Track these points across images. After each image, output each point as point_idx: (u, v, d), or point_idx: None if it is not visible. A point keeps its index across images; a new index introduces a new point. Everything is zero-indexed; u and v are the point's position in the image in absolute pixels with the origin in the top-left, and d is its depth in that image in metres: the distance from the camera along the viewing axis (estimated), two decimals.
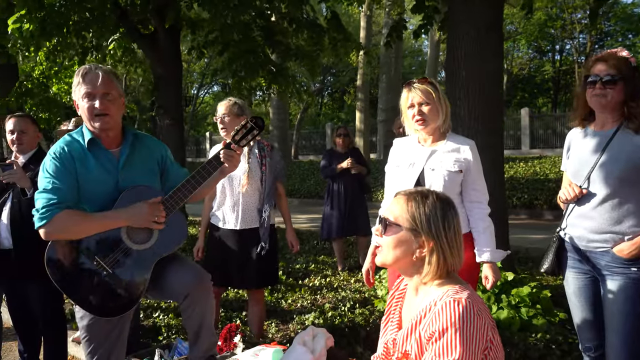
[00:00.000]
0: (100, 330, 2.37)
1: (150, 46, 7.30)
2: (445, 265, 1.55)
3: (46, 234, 2.18)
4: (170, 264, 2.41)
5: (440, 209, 1.56)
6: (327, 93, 40.28)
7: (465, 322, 1.41)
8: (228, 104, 3.49)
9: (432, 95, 2.56)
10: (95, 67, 2.31)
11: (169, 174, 2.54)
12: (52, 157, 2.26)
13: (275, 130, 21.88)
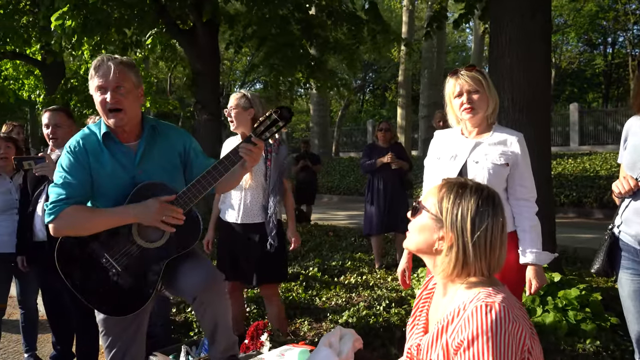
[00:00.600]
0: (116, 324, 2.31)
1: (188, 42, 7.32)
2: (466, 268, 1.38)
3: (54, 230, 2.13)
4: (183, 263, 2.31)
5: (474, 203, 1.38)
6: (369, 90, 40.01)
7: (498, 329, 1.25)
8: (237, 97, 3.40)
9: (482, 82, 2.40)
10: (108, 58, 2.20)
11: (193, 166, 2.39)
12: (67, 151, 2.20)
13: (316, 126, 21.84)
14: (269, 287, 3.50)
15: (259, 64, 8.04)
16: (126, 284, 2.23)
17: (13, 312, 4.07)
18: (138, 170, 2.25)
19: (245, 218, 3.34)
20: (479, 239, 1.36)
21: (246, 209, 3.34)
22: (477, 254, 1.37)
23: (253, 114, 3.32)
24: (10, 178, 3.81)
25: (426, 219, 1.44)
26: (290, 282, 5.24)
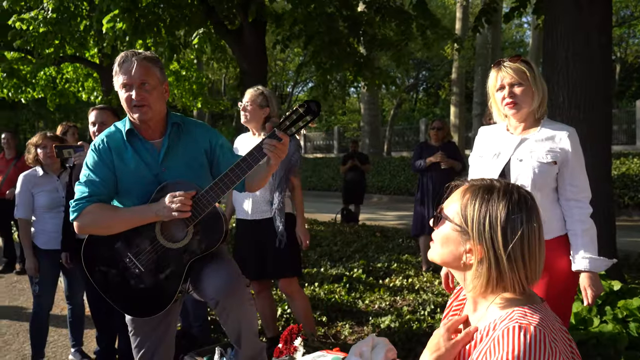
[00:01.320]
0: (145, 324, 2.29)
1: (236, 42, 7.35)
2: (501, 283, 1.22)
3: (78, 228, 2.12)
4: (207, 265, 2.26)
5: (504, 209, 1.21)
6: (422, 88, 39.39)
7: (532, 355, 1.09)
8: (254, 93, 3.38)
9: (526, 74, 2.21)
10: (132, 54, 2.17)
11: (220, 163, 2.33)
12: (92, 149, 2.20)
13: (366, 125, 21.65)
14: (286, 283, 3.47)
15: (306, 63, 7.98)
16: (149, 285, 2.20)
17: (64, 307, 4.16)
18: (162, 167, 2.22)
19: (255, 214, 3.37)
20: (514, 250, 1.19)
21: (255, 205, 3.36)
22: (513, 267, 1.20)
23: (268, 112, 3.35)
24: (58, 176, 3.90)
25: (449, 230, 1.29)
26: (333, 283, 5.15)
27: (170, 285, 2.21)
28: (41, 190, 3.83)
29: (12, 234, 7.36)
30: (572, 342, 1.22)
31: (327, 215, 10.52)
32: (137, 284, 2.20)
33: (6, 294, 6.20)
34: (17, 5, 6.69)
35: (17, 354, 4.28)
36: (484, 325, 1.23)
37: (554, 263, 2.26)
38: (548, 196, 2.28)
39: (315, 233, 8.20)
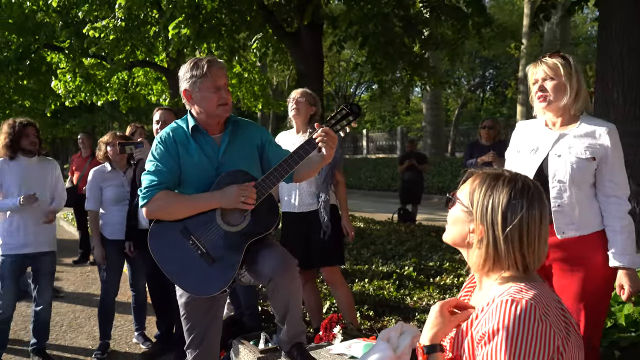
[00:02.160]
0: (197, 308, 2.47)
1: (293, 44, 7.55)
2: (498, 263, 1.32)
3: (147, 213, 2.33)
4: (261, 248, 2.43)
5: (506, 195, 1.31)
6: (489, 87, 38.34)
7: (520, 326, 1.18)
8: (304, 90, 3.58)
9: (560, 70, 2.23)
10: (214, 60, 2.41)
11: (269, 157, 2.54)
12: (158, 141, 2.41)
13: (428, 125, 21.42)
14: (330, 272, 3.62)
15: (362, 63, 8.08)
16: (210, 265, 2.37)
17: (129, 295, 4.49)
18: (221, 160, 2.42)
19: (301, 207, 3.53)
20: (511, 232, 1.29)
21: (301, 198, 3.53)
22: (510, 248, 1.30)
23: (314, 111, 3.51)
24: (124, 172, 4.22)
25: (459, 211, 1.40)
26: (383, 280, 5.23)
27: (229, 265, 2.38)
28: (109, 185, 4.16)
29: (87, 227, 7.89)
30: (568, 320, 1.28)
31: (385, 215, 10.56)
32: (200, 265, 2.38)
33: (80, 282, 6.71)
34: (90, 15, 7.20)
35: (88, 335, 4.66)
36: (485, 302, 1.32)
37: (591, 258, 2.27)
38: (586, 192, 2.28)
39: (370, 232, 8.29)
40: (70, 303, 5.72)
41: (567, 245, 2.27)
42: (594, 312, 2.28)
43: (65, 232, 10.67)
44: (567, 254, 2.28)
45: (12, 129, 3.92)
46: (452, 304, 1.45)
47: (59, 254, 4.32)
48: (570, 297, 2.28)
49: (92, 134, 20.62)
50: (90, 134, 7.76)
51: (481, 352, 1.23)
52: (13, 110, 14.26)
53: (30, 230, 3.89)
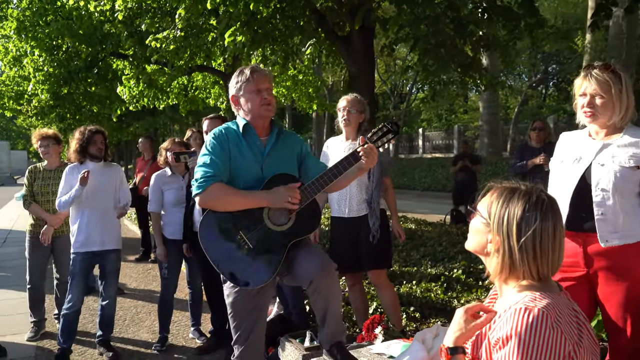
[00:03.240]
0: (243, 307, 2.63)
1: (345, 47, 7.66)
2: (514, 272, 1.41)
3: (201, 201, 2.51)
4: (301, 250, 2.58)
5: (521, 207, 1.41)
6: (552, 83, 37.00)
7: (532, 333, 1.27)
8: (354, 99, 3.67)
9: (611, 88, 2.25)
10: (256, 66, 2.63)
11: (306, 166, 2.73)
12: (212, 136, 2.61)
13: (485, 124, 21.03)
14: (376, 274, 3.71)
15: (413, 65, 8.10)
16: (255, 260, 2.53)
17: (187, 292, 4.75)
18: (265, 161, 2.60)
19: (351, 212, 3.65)
20: (526, 243, 1.38)
21: (351, 204, 3.64)
22: (524, 258, 1.39)
23: (363, 118, 3.61)
24: (182, 177, 4.49)
25: (478, 222, 1.50)
26: (431, 282, 5.27)
27: (272, 261, 2.55)
28: (169, 188, 4.44)
29: (149, 226, 8.32)
30: (582, 326, 1.36)
31: (438, 216, 10.52)
32: (244, 259, 2.54)
33: (142, 279, 7.10)
34: (152, 27, 7.59)
35: (149, 329, 4.97)
36: (504, 307, 1.40)
37: (637, 267, 2.28)
38: (631, 201, 2.28)
39: (421, 233, 8.29)
40: (133, 299, 6.09)
41: (612, 254, 2.28)
42: (639, 320, 2.28)
43: (129, 231, 11.26)
44: (611, 263, 2.29)
45: (82, 136, 4.26)
46: (475, 308, 1.54)
47: (123, 251, 4.62)
48: (614, 305, 2.30)
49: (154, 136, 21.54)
50: (153, 137, 8.16)
51: (496, 356, 1.32)
52: (82, 115, 15.12)
53: (98, 230, 4.21)
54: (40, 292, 4.87)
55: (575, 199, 2.34)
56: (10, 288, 6.59)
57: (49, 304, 5.25)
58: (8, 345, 4.49)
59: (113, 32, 9.83)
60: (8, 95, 15.57)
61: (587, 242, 2.32)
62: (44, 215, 4.64)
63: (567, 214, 2.35)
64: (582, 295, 2.37)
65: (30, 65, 10.71)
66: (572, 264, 2.38)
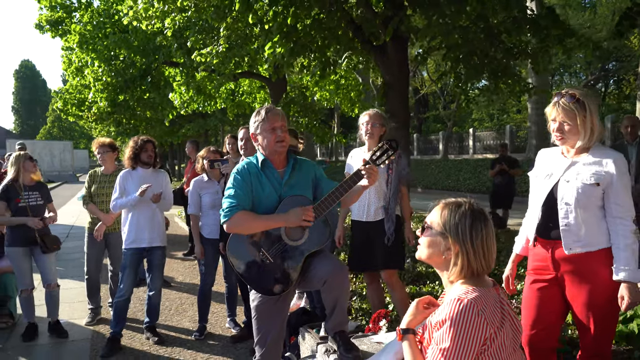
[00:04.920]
0: (266, 311, 3.01)
1: (380, 56, 7.98)
2: (470, 268, 1.75)
3: (227, 228, 2.91)
4: (316, 257, 2.96)
5: (469, 218, 1.75)
6: (613, 81, 35.68)
7: (461, 319, 1.62)
8: (377, 114, 4.00)
9: (576, 116, 2.52)
10: (272, 107, 3.01)
11: (321, 187, 3.07)
12: (236, 172, 2.99)
13: (533, 126, 20.70)
14: (388, 274, 4.03)
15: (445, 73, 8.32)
16: (275, 272, 2.93)
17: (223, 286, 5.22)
18: (283, 189, 2.98)
19: (369, 217, 3.99)
20: (478, 245, 1.74)
21: (369, 210, 3.98)
22: (478, 257, 1.74)
23: (384, 131, 3.92)
24: (217, 182, 4.96)
25: (433, 235, 1.83)
26: None
27: (290, 272, 2.95)
28: (206, 192, 4.93)
29: None
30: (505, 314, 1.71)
31: None
32: (267, 271, 2.94)
33: (188, 273, 7.69)
34: (197, 44, 8.18)
35: (190, 318, 5.49)
36: (447, 299, 1.75)
37: (598, 272, 2.56)
38: (594, 213, 2.56)
39: None
40: (179, 291, 6.66)
41: (576, 260, 2.57)
42: (601, 320, 2.56)
43: (179, 228, 11.97)
44: (575, 267, 2.57)
45: (135, 145, 4.83)
46: (425, 300, 1.90)
47: (173, 247, 5.15)
48: (579, 306, 2.58)
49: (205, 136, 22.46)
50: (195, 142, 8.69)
51: (435, 335, 1.68)
52: (137, 120, 16.09)
53: (145, 229, 4.75)
54: (96, 282, 5.49)
55: (545, 211, 2.65)
56: (71, 279, 7.32)
57: (105, 293, 5.88)
58: (69, 328, 5.11)
59: (164, 44, 10.54)
60: (71, 102, 16.79)
61: (555, 248, 2.61)
62: (99, 214, 5.25)
63: (538, 223, 2.66)
64: (554, 295, 2.66)
65: (91, 75, 11.61)
66: (542, 268, 2.68)
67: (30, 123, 75.83)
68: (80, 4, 12.92)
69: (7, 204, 4.81)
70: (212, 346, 4.74)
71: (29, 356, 4.59)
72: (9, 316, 5.37)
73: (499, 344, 1.66)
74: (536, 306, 2.72)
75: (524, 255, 2.93)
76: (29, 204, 4.88)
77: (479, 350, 1.63)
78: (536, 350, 2.74)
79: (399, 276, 4.21)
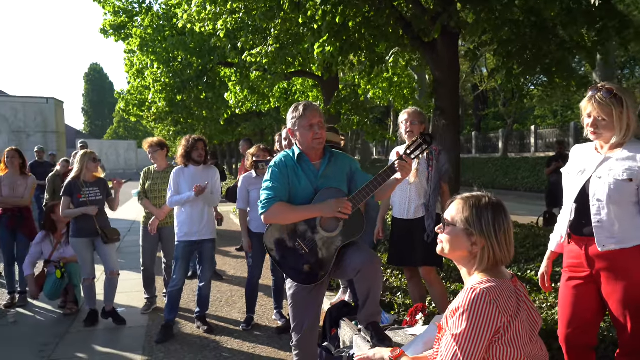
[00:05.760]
0: (301, 299, 3.13)
1: (429, 53, 7.93)
2: (495, 260, 1.79)
3: (265, 219, 3.04)
4: (350, 248, 3.05)
5: (491, 212, 1.79)
6: None
7: (474, 306, 1.67)
8: (416, 111, 4.01)
9: (612, 111, 2.49)
10: (309, 103, 3.11)
11: (355, 180, 3.14)
12: (273, 165, 3.12)
13: None
14: (427, 271, 4.05)
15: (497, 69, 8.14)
16: (310, 262, 3.04)
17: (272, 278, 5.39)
18: (319, 182, 3.07)
19: (409, 215, 4.02)
20: (502, 237, 1.78)
21: (410, 207, 4.01)
22: (503, 249, 1.79)
23: (424, 128, 3.94)
24: None
25: (458, 231, 1.85)
26: None
27: (324, 263, 3.05)
28: (254, 188, 5.09)
29: None
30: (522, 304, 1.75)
31: (534, 218, 10.39)
32: (302, 261, 3.06)
33: (240, 267, 7.94)
34: (247, 45, 8.41)
35: (239, 310, 5.70)
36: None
37: (634, 269, 2.51)
38: (628, 209, 2.51)
39: None
40: (230, 284, 6.91)
41: (610, 257, 2.52)
42: (638, 317, 2.50)
43: (233, 224, 12.31)
44: (610, 264, 2.53)
45: (187, 143, 5.07)
46: None
47: (227, 242, 5.36)
48: (614, 303, 2.54)
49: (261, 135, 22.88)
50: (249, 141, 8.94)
51: (450, 322, 1.73)
52: (194, 119, 16.64)
53: (197, 223, 4.98)
54: (151, 273, 5.79)
55: (577, 207, 2.61)
56: (130, 270, 7.74)
57: (160, 284, 6.18)
58: (127, 316, 5.42)
59: (219, 45, 10.88)
60: (133, 103, 17.60)
61: (588, 245, 2.57)
62: (152, 209, 5.55)
63: (571, 220, 2.63)
64: (590, 293, 2.62)
65: (150, 76, 12.14)
66: (577, 265, 2.64)
67: (98, 124, 79.77)
68: (141, 9, 13.54)
69: (70, 198, 5.19)
70: (258, 337, 4.91)
71: (90, 339, 4.93)
72: (74, 303, 5.76)
73: (513, 333, 1.69)
74: (572, 304, 2.69)
75: (559, 253, 2.90)
76: (89, 199, 5.23)
77: (492, 338, 1.67)
78: (573, 348, 2.71)
79: (437, 273, 4.22)
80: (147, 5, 13.38)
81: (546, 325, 4.06)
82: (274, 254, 3.12)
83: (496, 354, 1.69)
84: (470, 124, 38.40)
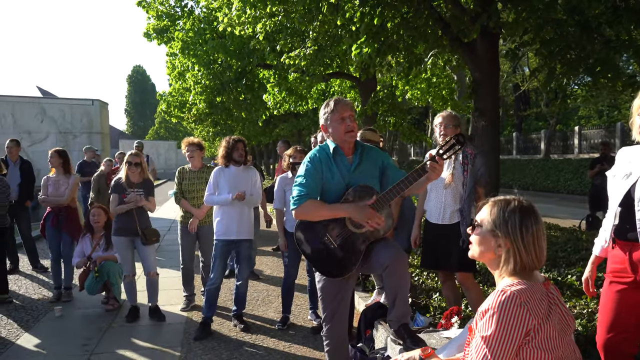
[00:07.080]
0: (330, 291, 3.18)
1: (469, 53, 7.83)
2: (522, 264, 1.77)
3: (295, 215, 3.10)
4: (378, 244, 3.08)
5: (519, 214, 1.78)
6: None
7: (503, 308, 1.66)
8: (450, 115, 3.98)
9: None
10: (340, 98, 3.14)
11: (388, 176, 3.17)
12: (307, 160, 3.16)
13: None
14: (463, 276, 4.02)
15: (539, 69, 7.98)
16: (338, 256, 3.09)
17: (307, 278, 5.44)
18: (352, 177, 3.10)
19: (444, 220, 3.97)
20: (529, 241, 1.76)
21: (445, 213, 3.96)
22: (530, 253, 1.77)
23: (459, 131, 3.91)
24: None
25: (485, 232, 1.86)
26: None
27: (352, 258, 3.09)
28: (290, 189, 5.13)
29: None
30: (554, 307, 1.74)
31: (576, 222, 10.13)
32: (330, 255, 3.11)
33: (276, 267, 8.03)
34: (286, 47, 8.50)
35: (275, 309, 5.76)
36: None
37: None
38: None
39: (547, 238, 8.14)
40: (267, 283, 6.99)
41: None
42: None
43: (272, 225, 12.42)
44: None
45: (228, 144, 5.17)
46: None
47: (264, 242, 5.44)
48: None
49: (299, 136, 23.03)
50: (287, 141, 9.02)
51: (480, 323, 1.73)
52: (233, 120, 16.90)
53: (234, 222, 5.07)
54: (190, 271, 5.93)
55: (622, 211, 2.54)
56: (170, 268, 7.93)
57: (199, 282, 6.31)
58: (166, 313, 5.57)
59: (258, 48, 11.04)
60: (174, 104, 18.01)
61: (633, 250, 2.50)
62: (191, 209, 5.68)
63: (615, 225, 2.56)
64: (634, 298, 2.55)
65: (191, 79, 12.40)
66: (621, 270, 2.57)
67: (141, 124, 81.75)
68: (183, 13, 13.85)
69: (118, 195, 5.38)
70: (293, 336, 4.96)
71: (131, 334, 5.08)
72: (114, 300, 5.95)
73: (544, 336, 1.67)
74: (613, 309, 2.62)
75: (604, 257, 2.83)
76: (132, 200, 5.40)
77: (522, 341, 1.66)
78: (612, 354, 2.64)
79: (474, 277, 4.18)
80: (189, 10, 13.67)
81: (586, 332, 3.97)
82: (303, 247, 3.17)
83: (526, 357, 1.68)
84: (511, 124, 37.55)
